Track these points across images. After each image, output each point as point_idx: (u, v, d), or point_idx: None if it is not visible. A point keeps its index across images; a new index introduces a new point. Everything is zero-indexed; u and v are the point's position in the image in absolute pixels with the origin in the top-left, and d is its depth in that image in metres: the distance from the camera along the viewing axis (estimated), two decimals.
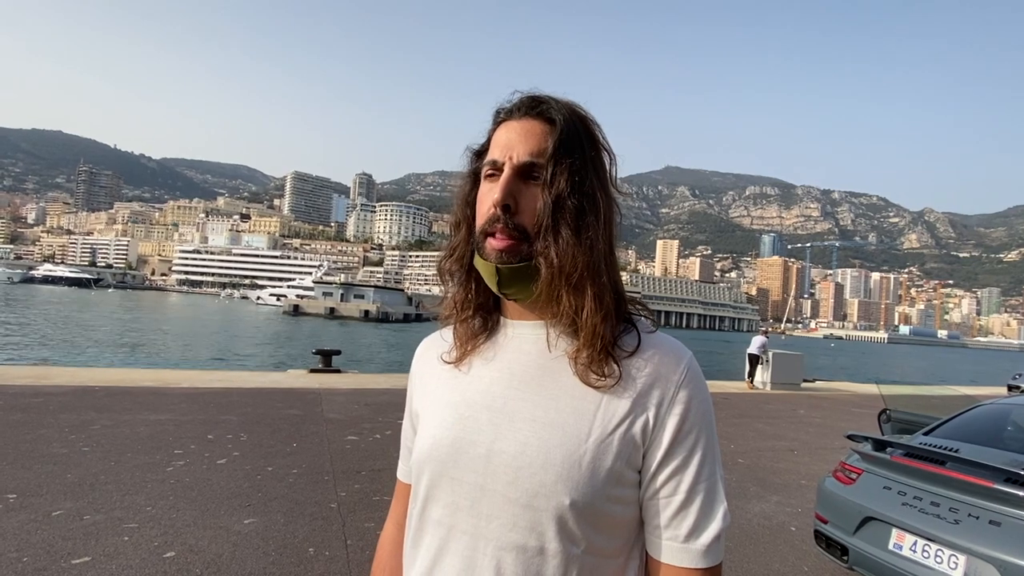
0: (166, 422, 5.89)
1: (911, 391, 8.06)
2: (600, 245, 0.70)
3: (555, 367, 0.71)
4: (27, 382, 7.43)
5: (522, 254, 0.68)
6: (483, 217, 0.71)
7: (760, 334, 14.41)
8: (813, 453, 6.78)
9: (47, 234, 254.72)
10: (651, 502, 0.69)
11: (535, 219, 0.68)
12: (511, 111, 0.74)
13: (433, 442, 0.73)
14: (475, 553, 0.68)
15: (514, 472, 0.67)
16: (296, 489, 4.23)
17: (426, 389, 0.81)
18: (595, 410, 0.68)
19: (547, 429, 0.67)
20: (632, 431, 0.67)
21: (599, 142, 0.74)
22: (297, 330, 42.84)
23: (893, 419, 4.09)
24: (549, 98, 0.73)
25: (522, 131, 0.71)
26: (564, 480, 0.65)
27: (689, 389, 0.70)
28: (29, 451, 4.61)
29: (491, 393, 0.72)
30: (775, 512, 4.54)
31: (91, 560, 2.93)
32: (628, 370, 0.69)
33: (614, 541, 0.69)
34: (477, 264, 0.73)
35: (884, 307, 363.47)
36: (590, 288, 0.68)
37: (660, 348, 0.72)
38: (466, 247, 0.76)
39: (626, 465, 0.67)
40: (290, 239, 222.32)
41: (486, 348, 0.77)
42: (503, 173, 0.69)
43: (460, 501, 0.70)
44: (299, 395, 8.03)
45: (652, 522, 0.70)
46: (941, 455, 2.77)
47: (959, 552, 2.40)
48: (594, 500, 0.66)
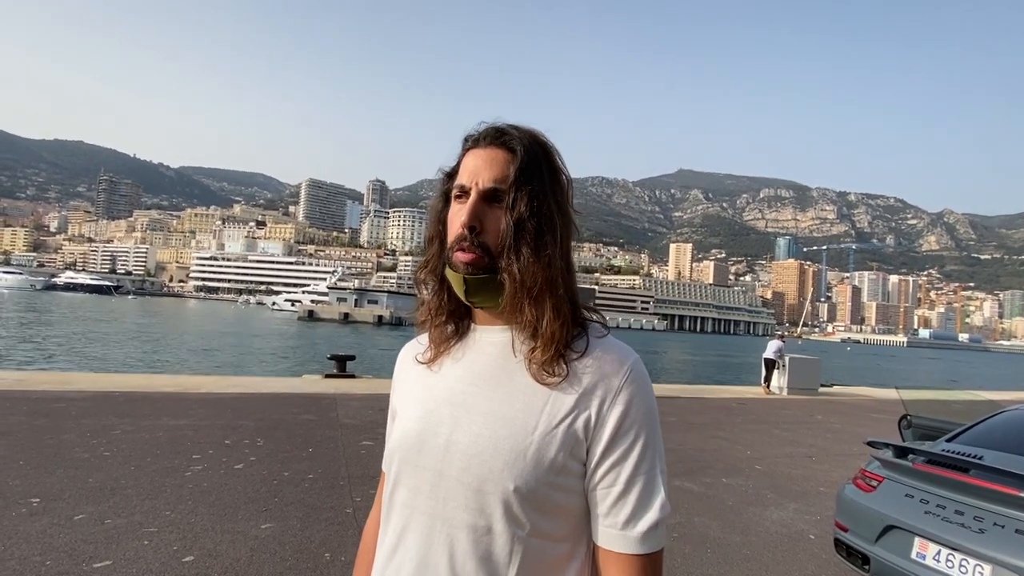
0: (185, 427, 5.97)
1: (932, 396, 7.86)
2: (557, 261, 0.79)
3: (513, 367, 0.80)
4: (50, 387, 7.57)
5: (485, 267, 0.77)
6: (453, 235, 0.79)
7: (776, 338, 14.23)
8: (831, 459, 6.68)
9: (69, 242, 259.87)
10: (593, 492, 0.77)
11: (499, 239, 0.77)
12: (477, 140, 0.82)
13: (402, 433, 0.83)
14: (432, 531, 0.76)
15: (467, 460, 0.75)
16: (312, 494, 4.26)
17: (403, 388, 0.90)
18: (543, 406, 0.76)
19: (499, 422, 0.76)
20: (575, 426, 0.75)
21: (557, 168, 0.83)
22: (312, 335, 43.19)
23: (914, 425, 4.01)
24: (511, 128, 0.82)
25: (487, 159, 0.79)
26: (510, 468, 0.73)
27: (631, 389, 0.77)
28: (52, 455, 4.70)
29: (454, 390, 0.81)
30: (793, 520, 4.48)
31: (112, 564, 2.98)
32: (575, 370, 0.77)
33: (560, 527, 0.76)
34: (448, 275, 0.81)
35: (903, 310, 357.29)
36: (549, 299, 0.77)
37: (606, 350, 0.80)
38: (438, 260, 0.84)
39: (569, 456, 0.75)
40: (305, 245, 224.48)
41: (456, 350, 0.86)
42: (470, 197, 0.78)
43: (421, 485, 0.78)
44: (314, 400, 8.09)
45: (594, 511, 0.77)
46: (965, 462, 2.72)
47: (984, 562, 2.35)
48: (537, 487, 0.73)
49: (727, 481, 5.42)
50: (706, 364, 39.63)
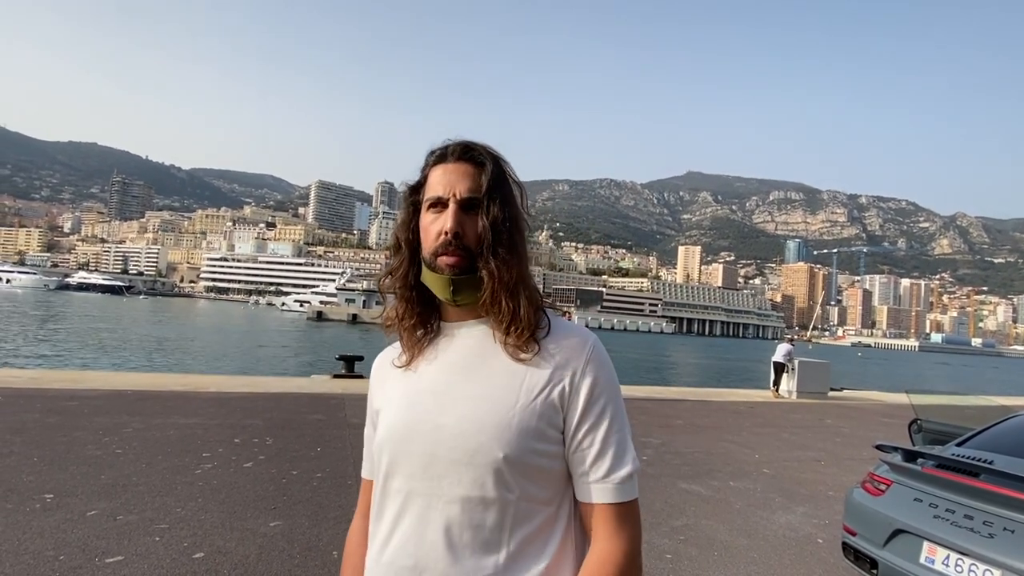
0: (195, 426, 6.03)
1: (943, 400, 7.77)
2: (524, 259, 0.90)
3: (488, 354, 0.88)
4: (63, 386, 7.68)
5: (468, 268, 0.86)
6: (433, 242, 0.87)
7: (785, 341, 14.15)
8: (840, 464, 6.63)
9: (82, 243, 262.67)
10: (574, 455, 0.86)
11: (478, 241, 0.86)
12: (444, 155, 0.91)
13: (390, 426, 0.89)
14: (428, 510, 0.83)
15: (456, 438, 0.82)
16: (320, 493, 4.29)
17: (384, 391, 0.96)
18: (520, 383, 0.85)
19: (482, 401, 0.84)
20: (551, 397, 0.85)
21: (513, 178, 0.93)
22: (320, 336, 43.42)
23: (924, 429, 3.98)
24: (476, 144, 0.92)
25: (459, 172, 0.88)
26: (497, 439, 0.81)
27: (596, 362, 0.88)
28: (65, 452, 4.77)
29: (436, 380, 0.89)
30: (801, 523, 4.45)
31: (124, 559, 3.02)
32: (545, 347, 0.87)
33: (545, 491, 0.85)
34: (427, 279, 0.89)
35: (915, 314, 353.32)
36: (523, 291, 0.88)
37: (568, 330, 0.91)
38: (408, 265, 0.92)
39: (548, 425, 0.84)
40: (314, 247, 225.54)
41: (430, 349, 0.93)
42: (449, 207, 0.87)
43: (415, 470, 0.84)
44: (323, 400, 8.14)
45: (577, 471, 0.86)
46: (975, 467, 2.70)
47: (994, 567, 2.33)
48: (523, 455, 0.81)
49: (735, 484, 5.39)
50: (714, 367, 39.38)
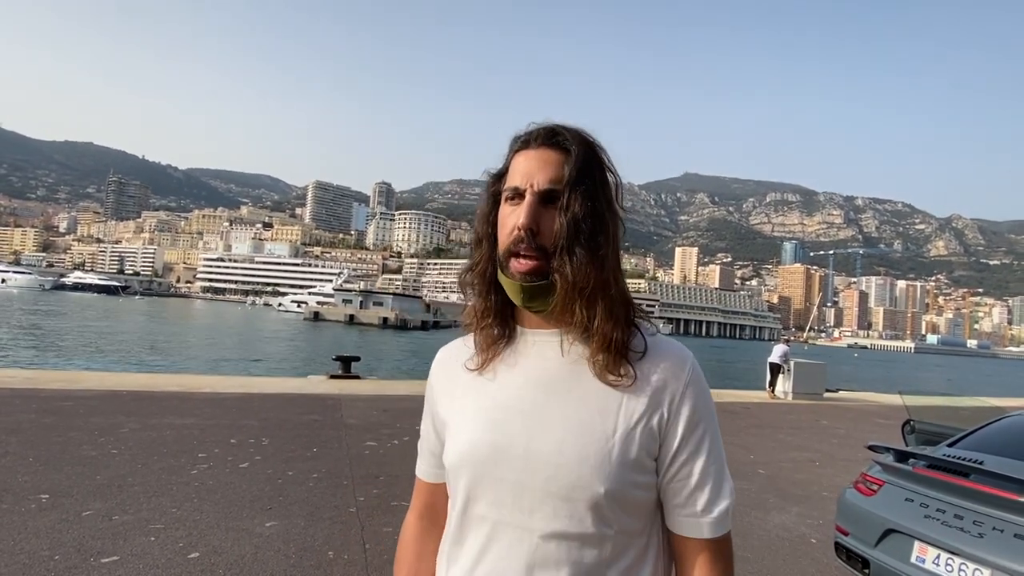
0: (191, 426, 6.02)
1: (937, 402, 7.83)
2: (610, 261, 0.79)
3: (576, 371, 0.80)
4: (59, 386, 7.65)
5: (544, 273, 0.77)
6: (507, 238, 0.79)
7: (782, 342, 14.20)
8: (835, 464, 6.66)
9: (78, 243, 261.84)
10: (670, 485, 0.80)
11: (554, 240, 0.77)
12: (528, 140, 0.82)
13: (471, 446, 0.80)
14: (520, 544, 0.76)
15: (553, 468, 0.75)
16: (316, 493, 4.30)
17: (453, 395, 0.88)
18: (618, 408, 0.77)
19: (578, 428, 0.76)
20: (650, 425, 0.78)
21: (606, 166, 0.83)
22: (317, 337, 43.35)
23: (917, 430, 4.01)
24: (563, 128, 0.81)
25: (540, 160, 0.79)
26: (598, 472, 0.74)
27: (695, 387, 0.81)
28: (60, 453, 4.76)
29: (521, 398, 0.80)
30: (795, 524, 4.48)
31: (119, 559, 3.02)
32: (641, 371, 0.79)
33: (638, 521, 0.80)
34: (502, 280, 0.81)
35: (911, 316, 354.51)
36: (601, 300, 0.78)
37: (665, 350, 0.82)
38: (488, 262, 0.83)
39: (646, 455, 0.78)
40: (311, 247, 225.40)
41: (508, 355, 0.84)
42: (525, 199, 0.78)
43: (503, 498, 0.78)
44: (319, 401, 8.14)
45: (672, 502, 0.81)
46: (965, 467, 2.72)
47: (983, 566, 2.36)
48: (623, 487, 0.76)
49: None
50: (711, 368, 39.50)
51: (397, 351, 34.63)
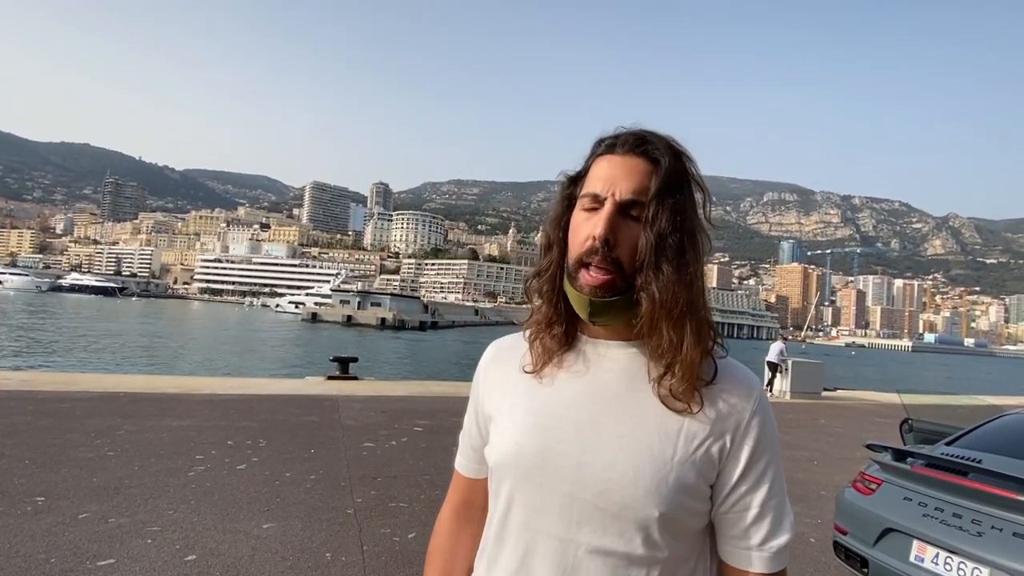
0: (188, 428, 6.00)
1: (935, 400, 7.86)
2: (698, 281, 0.75)
3: (637, 387, 0.76)
4: (55, 387, 7.62)
5: (616, 289, 0.73)
6: (579, 247, 0.75)
7: (779, 340, 14.25)
8: (833, 463, 6.67)
9: (74, 244, 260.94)
10: (727, 515, 0.77)
11: (633, 255, 0.73)
12: (614, 145, 0.77)
13: (517, 448, 0.78)
14: (565, 556, 0.74)
15: (605, 484, 0.73)
16: (314, 495, 4.28)
17: (503, 392, 0.85)
18: (678, 432, 0.74)
19: (635, 447, 0.73)
20: (711, 452, 0.74)
21: (695, 178, 0.78)
22: (315, 338, 43.28)
23: (915, 429, 4.01)
24: (653, 136, 0.77)
25: (625, 168, 0.75)
26: (653, 495, 0.71)
27: (760, 417, 0.77)
28: (56, 455, 4.74)
29: (575, 406, 0.77)
30: (794, 523, 4.47)
31: (115, 562, 3.01)
32: (708, 396, 0.75)
33: (687, 546, 0.77)
34: (568, 291, 0.77)
35: (908, 314, 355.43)
36: (689, 323, 0.74)
37: (735, 376, 0.79)
38: (557, 268, 0.80)
39: (703, 482, 0.75)
40: (309, 248, 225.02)
41: (567, 362, 0.81)
42: (604, 208, 0.73)
43: (549, 507, 0.75)
44: (317, 402, 8.11)
45: (728, 532, 0.78)
46: (963, 465, 2.72)
47: (982, 565, 2.36)
48: (677, 513, 0.73)
49: None
50: None
51: (395, 352, 34.61)
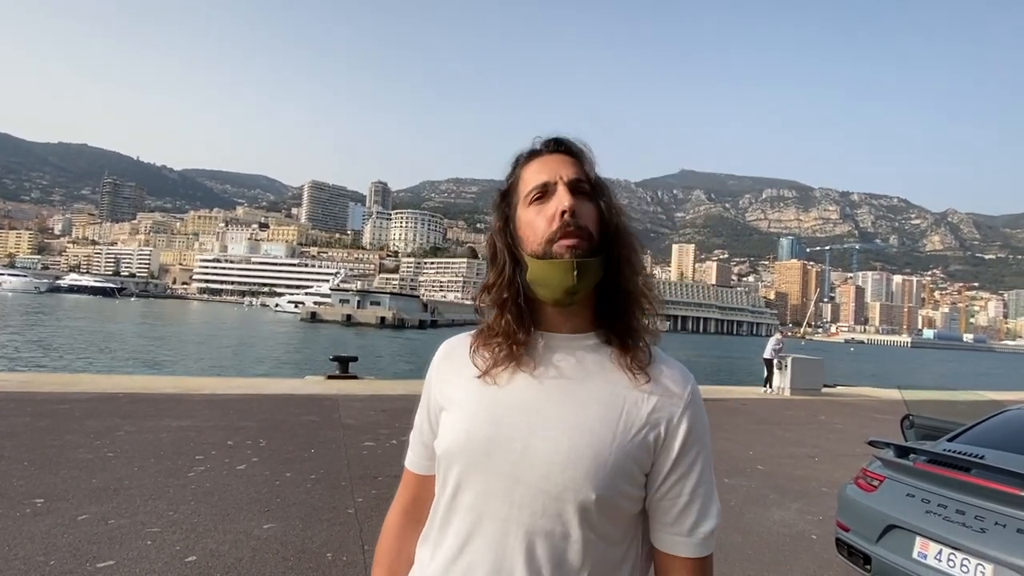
0: (188, 428, 5.99)
1: (935, 396, 7.80)
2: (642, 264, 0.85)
3: (583, 377, 0.81)
4: (54, 389, 7.61)
5: (590, 250, 0.79)
6: (546, 229, 0.79)
7: (776, 334, 14.29)
8: (834, 460, 6.67)
9: (73, 245, 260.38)
10: (659, 503, 0.82)
11: (595, 223, 0.81)
12: (537, 151, 0.86)
13: (467, 436, 0.81)
14: (506, 536, 0.77)
15: (548, 467, 0.76)
16: (314, 494, 4.27)
17: (454, 387, 0.87)
18: (618, 418, 0.79)
19: (577, 431, 0.77)
20: (647, 440, 0.79)
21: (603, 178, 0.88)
22: (314, 337, 43.25)
23: (916, 425, 4.01)
24: (567, 138, 0.86)
25: (558, 161, 0.83)
26: (591, 477, 0.75)
27: (692, 411, 0.83)
28: (56, 456, 4.72)
29: (525, 396, 0.81)
30: (795, 520, 4.47)
31: (115, 564, 2.99)
32: (651, 378, 0.82)
33: (620, 530, 0.81)
34: (540, 272, 0.80)
35: (907, 310, 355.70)
36: (648, 294, 0.85)
37: (669, 365, 0.86)
38: (514, 274, 0.83)
39: (638, 468, 0.79)
40: (307, 247, 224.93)
41: (520, 358, 0.84)
42: (558, 189, 0.80)
43: (494, 491, 0.78)
44: (317, 401, 8.11)
45: (660, 519, 0.82)
46: (966, 462, 2.71)
47: (986, 561, 2.35)
48: (612, 495, 0.77)
49: (729, 481, 5.41)
50: (709, 365, 39.57)
51: (395, 351, 34.59)
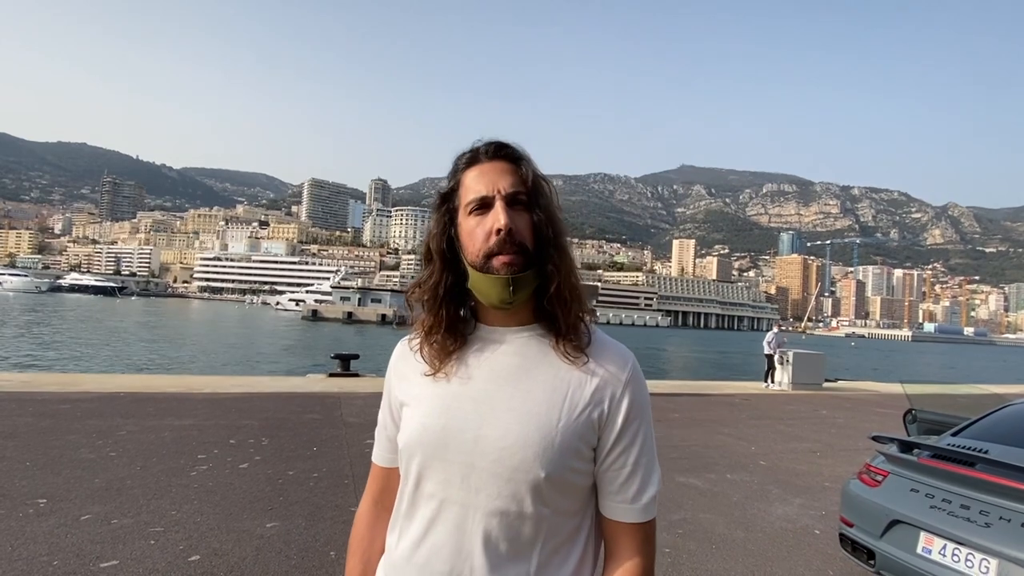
0: (190, 427, 5.99)
1: (938, 390, 7.85)
2: (573, 259, 0.90)
3: (529, 365, 0.88)
4: (55, 389, 7.61)
5: (528, 265, 0.84)
6: (484, 244, 0.84)
7: (774, 327, 14.29)
8: (836, 455, 6.66)
9: (73, 244, 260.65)
10: (605, 474, 0.88)
11: (531, 237, 0.85)
12: (477, 156, 0.88)
13: (423, 428, 0.87)
14: (465, 520, 0.83)
15: (499, 452, 0.82)
16: (317, 493, 4.27)
17: (411, 383, 0.93)
18: (562, 400, 0.85)
19: (525, 416, 0.83)
20: (591, 418, 0.85)
21: (543, 177, 0.90)
22: (316, 335, 43.28)
23: (919, 419, 3.99)
24: (508, 142, 0.89)
25: (497, 170, 0.86)
26: (540, 457, 0.82)
27: (634, 384, 0.89)
28: (58, 456, 4.73)
29: (474, 387, 0.87)
30: (798, 515, 4.47)
31: (119, 564, 2.99)
32: (589, 361, 0.88)
33: (574, 504, 0.88)
34: (478, 283, 0.86)
35: (908, 304, 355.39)
36: (579, 290, 0.89)
37: (610, 347, 0.91)
38: (441, 277, 0.88)
39: (585, 444, 0.86)
40: (308, 245, 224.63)
41: (468, 352, 0.90)
42: (496, 203, 0.84)
43: (451, 478, 0.84)
44: (319, 399, 8.11)
45: (606, 489, 0.89)
46: (970, 456, 2.70)
47: (990, 556, 2.34)
48: (562, 472, 0.83)
49: (732, 477, 5.41)
50: (710, 360, 39.57)
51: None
